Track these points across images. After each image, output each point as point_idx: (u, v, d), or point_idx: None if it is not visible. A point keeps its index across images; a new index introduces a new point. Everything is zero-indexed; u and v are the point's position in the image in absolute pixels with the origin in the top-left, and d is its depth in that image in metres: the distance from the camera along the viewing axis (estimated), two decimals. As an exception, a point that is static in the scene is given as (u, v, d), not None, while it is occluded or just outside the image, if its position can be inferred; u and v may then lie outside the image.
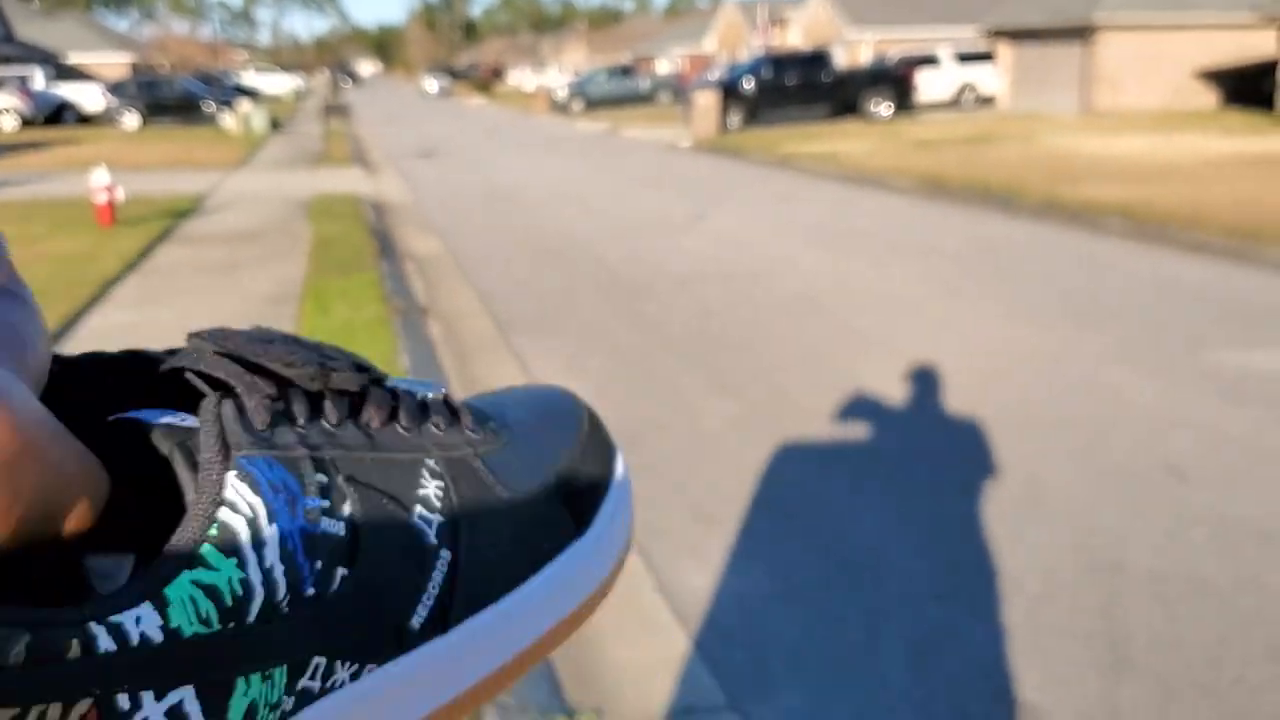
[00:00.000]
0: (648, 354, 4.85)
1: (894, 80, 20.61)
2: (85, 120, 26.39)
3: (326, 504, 0.25)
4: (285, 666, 0.23)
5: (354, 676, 0.25)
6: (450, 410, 0.31)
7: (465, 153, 17.15)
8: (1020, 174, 10.57)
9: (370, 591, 0.25)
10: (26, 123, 24.49)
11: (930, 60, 24.08)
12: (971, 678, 2.23)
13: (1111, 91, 20.73)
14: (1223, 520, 2.90)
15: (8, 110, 24.26)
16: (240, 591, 0.22)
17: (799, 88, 20.01)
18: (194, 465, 0.23)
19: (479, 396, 0.35)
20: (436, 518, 0.28)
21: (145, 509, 0.23)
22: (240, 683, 0.22)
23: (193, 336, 0.26)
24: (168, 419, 0.25)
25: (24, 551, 0.20)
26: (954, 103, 24.29)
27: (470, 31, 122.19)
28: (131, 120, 25.15)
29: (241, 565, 0.22)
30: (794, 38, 33.90)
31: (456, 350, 4.99)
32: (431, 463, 0.28)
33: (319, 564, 0.24)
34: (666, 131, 20.15)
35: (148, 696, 0.20)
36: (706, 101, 18.77)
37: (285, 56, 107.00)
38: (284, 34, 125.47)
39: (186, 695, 0.21)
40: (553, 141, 19.70)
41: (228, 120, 23.31)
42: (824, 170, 12.52)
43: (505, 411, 0.34)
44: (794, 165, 13.34)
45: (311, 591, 0.24)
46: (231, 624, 0.22)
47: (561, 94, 31.34)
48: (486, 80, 57.81)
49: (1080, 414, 3.82)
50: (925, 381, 4.23)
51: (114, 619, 0.20)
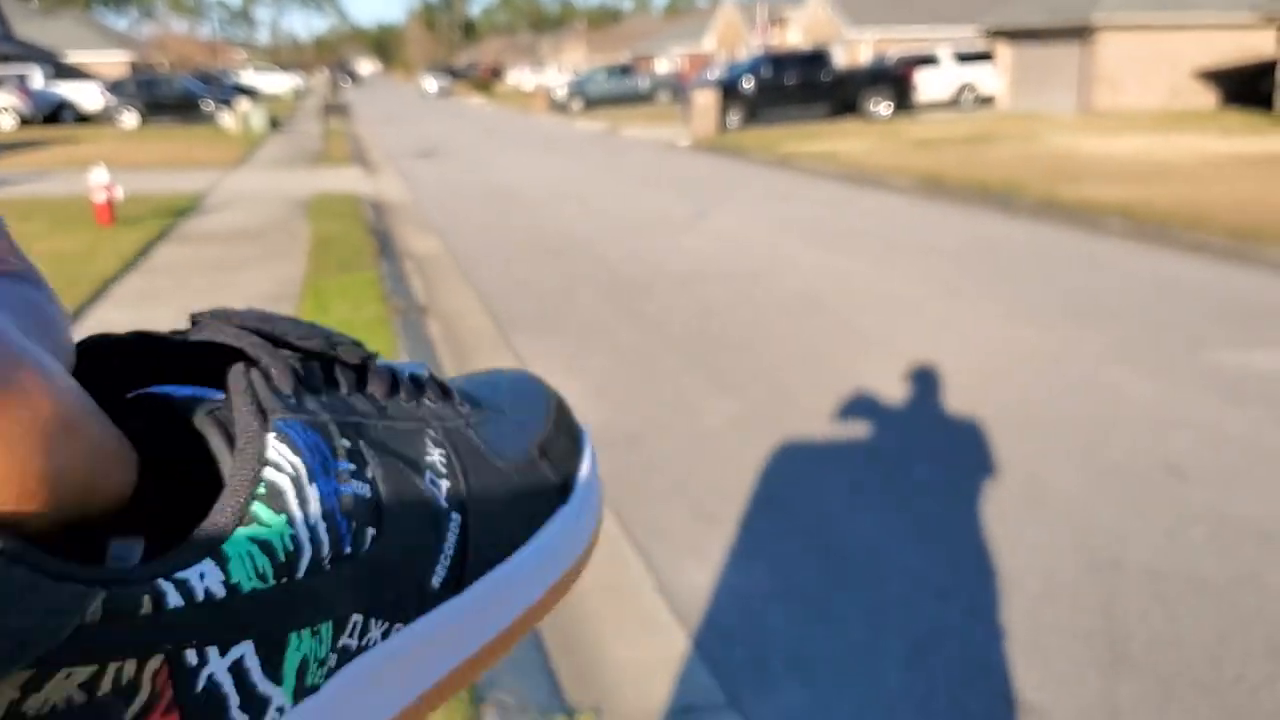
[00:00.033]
0: (648, 353, 4.85)
1: (893, 80, 20.61)
2: (84, 119, 26.39)
3: (353, 467, 0.25)
4: (331, 623, 0.24)
5: (384, 635, 0.26)
6: (440, 386, 0.32)
7: (464, 152, 17.14)
8: (1019, 174, 10.57)
9: (396, 551, 0.26)
10: (25, 121, 24.50)
11: (929, 60, 24.09)
12: (971, 676, 2.23)
13: (1111, 91, 20.75)
14: (1222, 520, 2.90)
15: (6, 109, 24.26)
16: (291, 547, 0.23)
17: (798, 87, 20.00)
18: (226, 433, 0.24)
19: (450, 380, 0.37)
20: (445, 483, 0.29)
21: (159, 491, 0.23)
22: (293, 638, 0.23)
23: (197, 316, 0.26)
24: (187, 393, 0.25)
25: (57, 532, 0.20)
26: (953, 102, 24.29)
27: (469, 31, 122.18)
28: (130, 119, 25.14)
29: (290, 522, 0.23)
30: (793, 37, 33.90)
31: (456, 350, 4.99)
32: (432, 432, 0.29)
33: (353, 523, 0.25)
34: (666, 131, 20.15)
35: (213, 652, 0.21)
36: (706, 101, 18.76)
37: (284, 56, 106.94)
38: (283, 33, 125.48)
39: (247, 650, 0.21)
40: (552, 141, 19.70)
41: (227, 119, 23.30)
42: (823, 169, 12.52)
43: (480, 391, 0.35)
44: (793, 164, 13.34)
45: (348, 550, 0.24)
46: (284, 579, 0.22)
47: (560, 93, 31.32)
48: (486, 80, 57.76)
49: (1080, 414, 3.82)
50: (925, 381, 4.23)
51: (179, 575, 0.20)
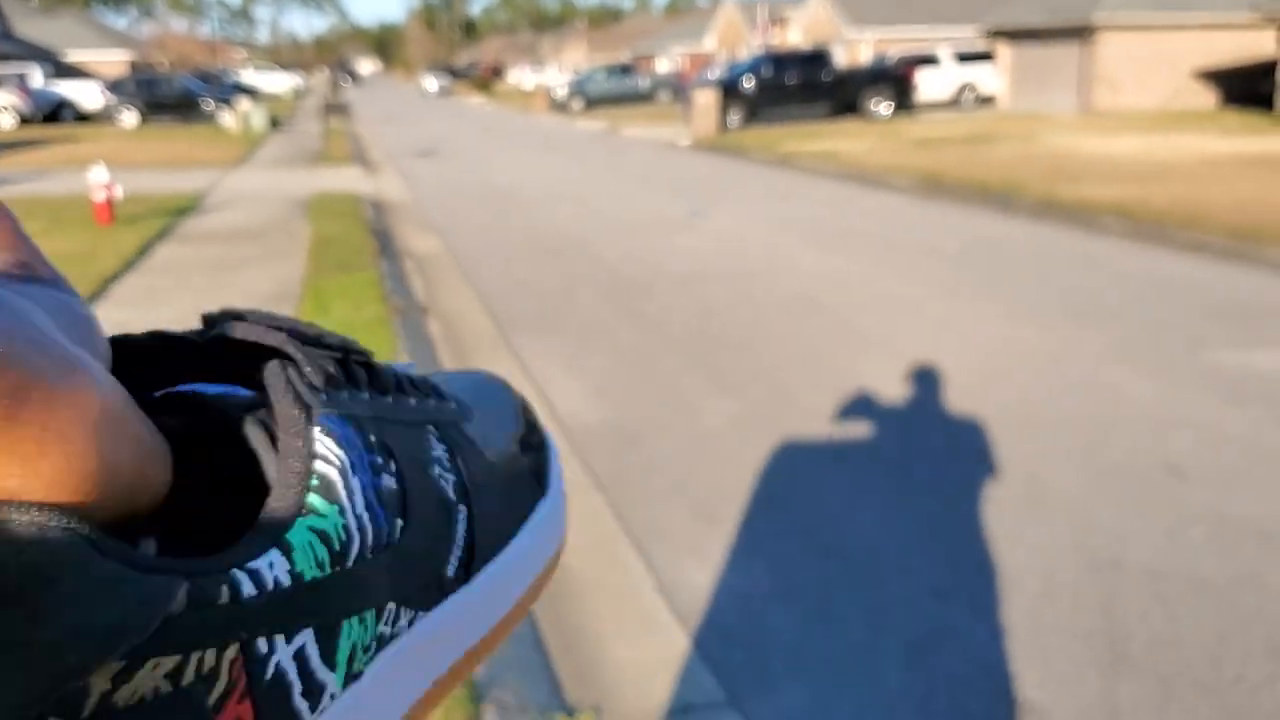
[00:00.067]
0: (648, 353, 4.85)
1: (894, 79, 20.60)
2: (84, 118, 26.38)
3: (381, 460, 0.26)
4: (374, 611, 0.24)
5: (410, 623, 0.27)
6: (431, 385, 0.33)
7: (465, 152, 17.13)
8: (1019, 173, 10.57)
9: (421, 542, 0.27)
10: (25, 120, 24.49)
11: (930, 60, 24.09)
12: (971, 676, 2.23)
13: (1111, 91, 20.74)
14: (1222, 519, 2.91)
15: (6, 108, 24.24)
16: (344, 537, 0.23)
17: (799, 87, 20.00)
18: (266, 429, 0.24)
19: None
20: (451, 476, 0.29)
21: (176, 491, 0.23)
22: (345, 626, 0.23)
23: (210, 316, 0.26)
24: (217, 390, 0.25)
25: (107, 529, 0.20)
26: (953, 102, 24.30)
27: (470, 30, 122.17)
28: (130, 118, 25.13)
29: (342, 512, 0.23)
30: (794, 37, 33.89)
31: (456, 349, 4.99)
32: (433, 428, 0.30)
33: (388, 514, 0.25)
34: (666, 130, 20.15)
35: (280, 640, 0.21)
36: (706, 100, 18.76)
37: (284, 55, 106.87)
38: (283, 32, 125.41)
39: (308, 639, 0.22)
40: (552, 140, 19.69)
41: (227, 118, 23.30)
42: (823, 169, 12.52)
43: (454, 389, 0.36)
44: (793, 164, 13.34)
45: (386, 540, 0.25)
46: (338, 568, 0.23)
47: (561, 93, 31.30)
48: (486, 79, 57.68)
49: (1080, 414, 3.82)
50: (925, 381, 4.23)
51: (251, 565, 0.21)
